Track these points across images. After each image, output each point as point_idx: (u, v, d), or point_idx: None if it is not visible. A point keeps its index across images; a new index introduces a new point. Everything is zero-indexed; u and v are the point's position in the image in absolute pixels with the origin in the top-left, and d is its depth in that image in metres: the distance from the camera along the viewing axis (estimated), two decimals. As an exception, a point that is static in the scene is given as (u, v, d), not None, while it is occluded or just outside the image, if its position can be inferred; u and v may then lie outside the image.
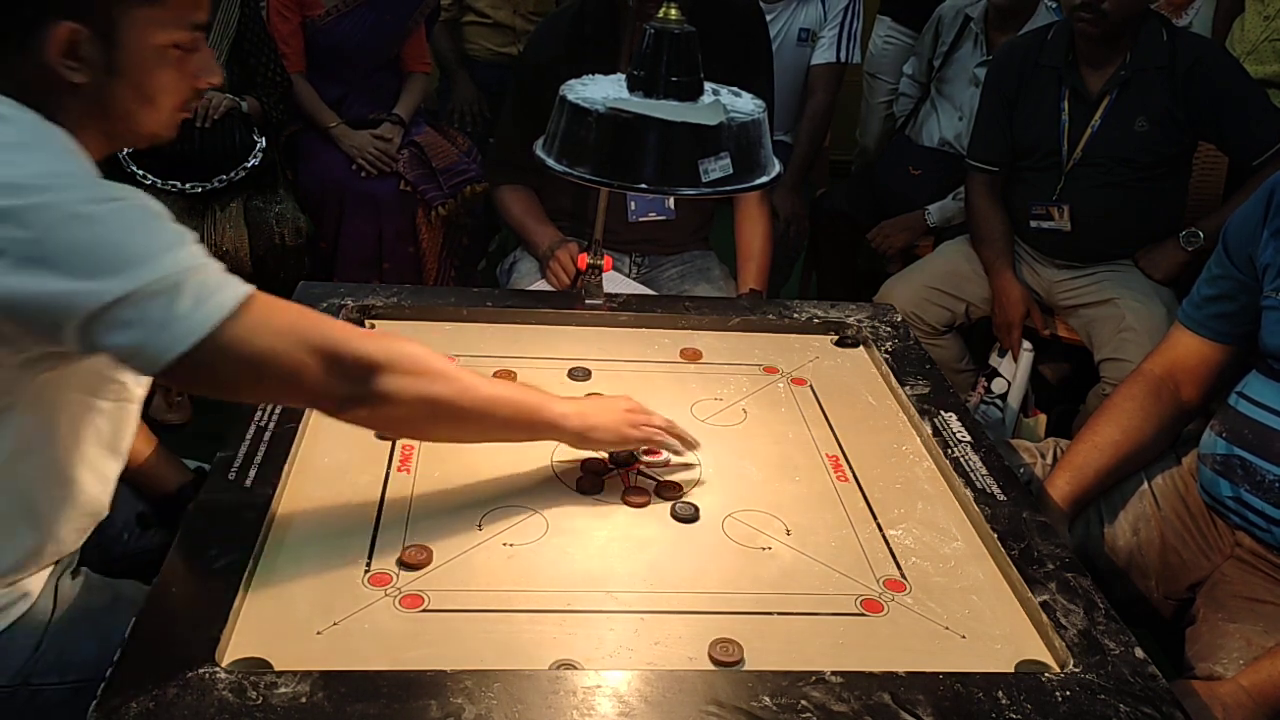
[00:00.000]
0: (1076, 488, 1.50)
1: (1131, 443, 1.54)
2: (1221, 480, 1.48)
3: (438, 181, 2.93)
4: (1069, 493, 1.50)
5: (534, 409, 1.22)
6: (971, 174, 2.54)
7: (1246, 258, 1.48)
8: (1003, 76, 2.46)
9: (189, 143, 2.52)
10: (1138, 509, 1.57)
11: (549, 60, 2.09)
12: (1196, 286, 1.58)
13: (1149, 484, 1.59)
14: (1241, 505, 1.46)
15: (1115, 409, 1.57)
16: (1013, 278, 2.45)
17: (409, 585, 1.09)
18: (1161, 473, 1.60)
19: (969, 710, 0.95)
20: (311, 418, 1.35)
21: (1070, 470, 1.52)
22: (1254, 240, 1.46)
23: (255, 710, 0.89)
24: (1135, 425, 1.55)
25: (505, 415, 1.19)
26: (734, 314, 1.73)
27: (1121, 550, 1.55)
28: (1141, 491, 1.58)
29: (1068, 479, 1.51)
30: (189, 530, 1.10)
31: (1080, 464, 1.53)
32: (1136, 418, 1.55)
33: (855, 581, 1.15)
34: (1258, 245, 1.46)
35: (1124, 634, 1.06)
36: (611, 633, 1.04)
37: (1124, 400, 1.58)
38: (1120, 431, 1.54)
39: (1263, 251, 1.45)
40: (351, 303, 1.62)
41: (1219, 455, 1.48)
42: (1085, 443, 1.55)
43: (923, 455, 1.41)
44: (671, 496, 1.27)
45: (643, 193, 1.31)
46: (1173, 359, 1.58)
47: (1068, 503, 1.49)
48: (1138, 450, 1.56)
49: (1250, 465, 1.43)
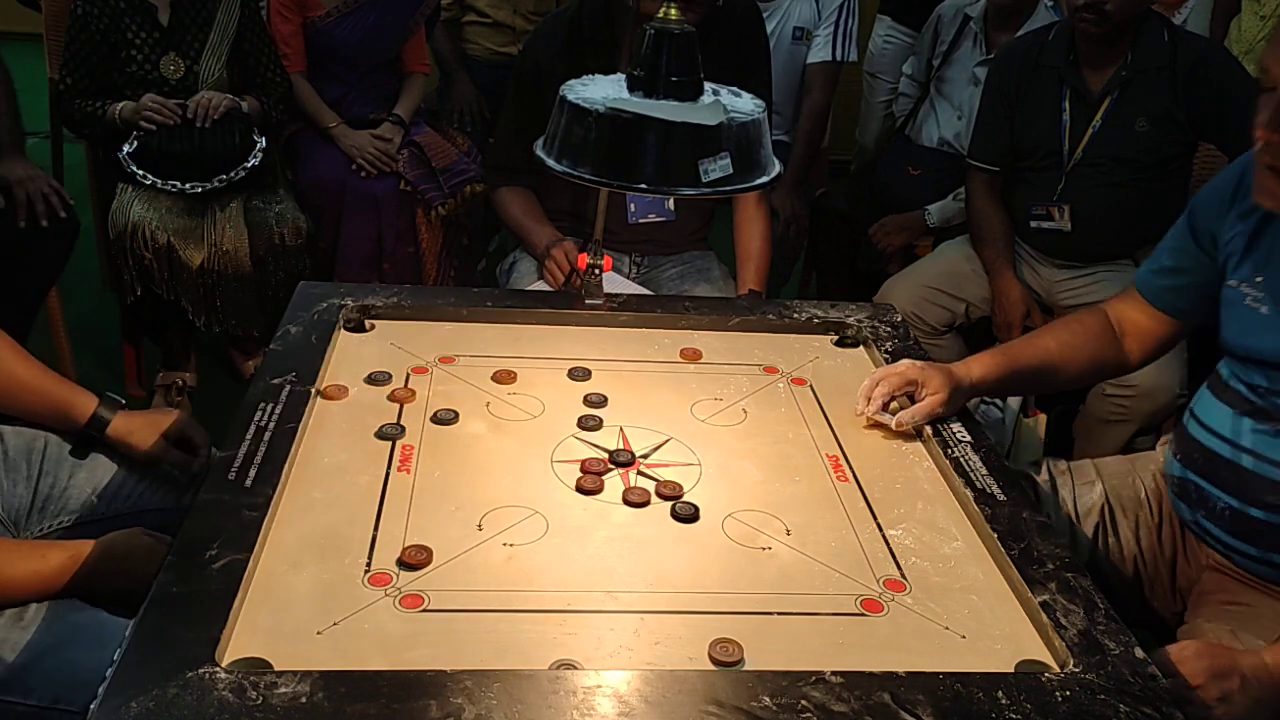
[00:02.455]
0: (995, 368, 1.52)
1: (1063, 359, 1.57)
2: (1180, 503, 1.48)
3: (438, 181, 2.93)
4: (990, 365, 1.52)
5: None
6: (972, 174, 2.54)
7: (1210, 235, 1.46)
8: (1003, 76, 2.46)
9: (189, 143, 2.52)
10: (1140, 515, 1.57)
11: (548, 60, 2.09)
12: (1156, 253, 1.58)
13: (1149, 488, 1.58)
14: (1201, 530, 1.45)
15: (1063, 327, 1.61)
16: (1013, 278, 2.45)
17: (409, 585, 1.09)
18: (1154, 475, 1.60)
19: (969, 710, 0.95)
20: (311, 418, 1.36)
21: (1000, 355, 1.55)
22: (1221, 218, 1.44)
23: (255, 710, 0.89)
24: (1073, 346, 1.57)
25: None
26: (734, 314, 1.73)
27: (1129, 560, 1.55)
28: (1143, 498, 1.58)
29: (994, 357, 1.54)
30: (189, 530, 1.10)
31: (1014, 353, 1.56)
32: (1077, 339, 1.58)
33: (855, 581, 1.15)
34: (1224, 224, 1.44)
35: (1124, 634, 1.06)
36: (611, 633, 1.04)
37: (1074, 322, 1.62)
38: (1057, 346, 1.57)
39: (1228, 231, 1.43)
40: (351, 303, 1.62)
41: (1175, 477, 1.48)
42: (1025, 340, 1.60)
43: (923, 455, 1.41)
44: (671, 496, 1.27)
45: (643, 193, 1.31)
46: (1122, 313, 1.61)
47: (982, 373, 1.50)
48: (1062, 369, 1.58)
49: (1203, 491, 1.42)
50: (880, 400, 1.41)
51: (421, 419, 1.39)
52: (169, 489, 1.52)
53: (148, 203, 2.52)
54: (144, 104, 2.51)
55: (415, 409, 1.41)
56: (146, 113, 2.50)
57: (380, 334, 1.60)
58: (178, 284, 2.54)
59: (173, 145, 2.51)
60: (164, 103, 2.51)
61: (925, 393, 1.42)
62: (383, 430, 1.35)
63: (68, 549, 1.26)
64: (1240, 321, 1.39)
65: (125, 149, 2.50)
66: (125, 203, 2.52)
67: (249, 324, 2.68)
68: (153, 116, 2.50)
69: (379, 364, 1.50)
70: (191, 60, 2.61)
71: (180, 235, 2.52)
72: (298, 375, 1.41)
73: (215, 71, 2.65)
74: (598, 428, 1.41)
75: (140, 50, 2.56)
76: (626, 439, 1.39)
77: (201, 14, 2.62)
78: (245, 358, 2.91)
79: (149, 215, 2.50)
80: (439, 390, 1.47)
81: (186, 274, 2.53)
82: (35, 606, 1.22)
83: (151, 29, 2.57)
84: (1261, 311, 1.36)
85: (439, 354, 1.55)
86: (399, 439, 1.34)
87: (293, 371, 1.42)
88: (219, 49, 2.64)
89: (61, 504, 1.43)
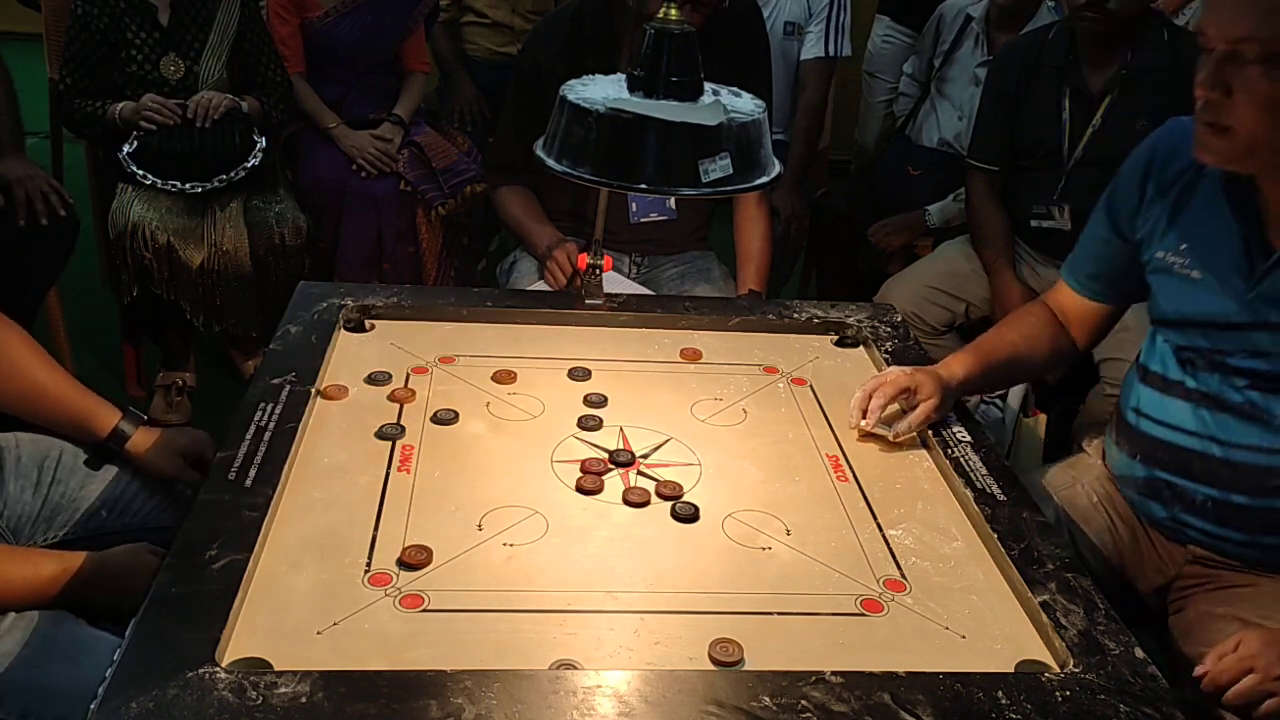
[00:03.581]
0: (974, 366, 1.53)
1: (1028, 350, 1.60)
2: (1152, 503, 1.48)
3: (438, 181, 2.93)
4: (969, 364, 1.53)
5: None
6: (972, 173, 2.54)
7: (1128, 217, 1.51)
8: (1004, 76, 2.46)
9: (189, 143, 2.52)
10: (1100, 519, 1.56)
11: (548, 60, 2.09)
12: (1076, 247, 1.63)
13: (1098, 494, 1.58)
14: (1180, 525, 1.46)
15: (1019, 320, 1.65)
16: (1013, 278, 2.45)
17: (409, 585, 1.09)
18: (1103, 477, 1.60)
19: (969, 710, 0.95)
20: (311, 418, 1.35)
21: (975, 353, 1.57)
22: (1136, 199, 1.49)
23: (255, 710, 0.89)
24: (1033, 338, 1.61)
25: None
26: (734, 314, 1.73)
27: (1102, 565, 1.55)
28: (1095, 503, 1.58)
29: (971, 355, 1.55)
30: (189, 530, 1.10)
31: (986, 349, 1.58)
32: (1034, 330, 1.62)
33: (855, 581, 1.15)
34: (1140, 203, 1.49)
35: (1124, 634, 1.06)
36: (611, 633, 1.04)
37: (1026, 315, 1.66)
38: (1020, 338, 1.61)
39: (1146, 210, 1.48)
40: (351, 303, 1.62)
41: (1140, 479, 1.49)
42: (993, 335, 1.63)
43: (923, 455, 1.41)
44: (671, 496, 1.27)
45: (643, 193, 1.31)
46: (1059, 303, 1.65)
47: (964, 373, 1.51)
48: (1029, 359, 1.61)
49: (1177, 487, 1.44)
50: (878, 412, 1.41)
51: (421, 419, 1.39)
52: (180, 507, 1.50)
53: (148, 203, 2.52)
54: (144, 104, 2.50)
55: (415, 409, 1.41)
56: (146, 113, 2.50)
57: (380, 334, 1.60)
58: (177, 284, 2.54)
59: (173, 145, 2.51)
60: (164, 103, 2.51)
61: (919, 398, 1.42)
62: (383, 430, 1.35)
63: (62, 559, 1.27)
64: (1173, 289, 1.44)
65: (125, 149, 2.50)
66: (125, 203, 2.52)
67: (249, 324, 2.68)
68: (153, 116, 2.50)
69: (379, 364, 1.50)
70: (191, 60, 2.61)
71: (180, 235, 2.52)
72: (298, 375, 1.41)
73: (215, 72, 2.64)
74: (598, 428, 1.41)
75: (140, 50, 2.56)
76: (626, 439, 1.39)
77: (201, 14, 2.62)
78: (245, 358, 2.91)
79: (149, 215, 2.50)
80: (439, 390, 1.47)
81: (186, 274, 2.53)
82: (13, 617, 1.21)
83: (151, 29, 2.57)
84: (1193, 276, 1.41)
85: (439, 354, 1.55)
86: (399, 439, 1.34)
87: (293, 371, 1.42)
88: (219, 49, 2.64)
89: (70, 514, 1.43)
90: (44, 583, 1.24)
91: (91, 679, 0.96)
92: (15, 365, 1.43)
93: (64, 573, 1.25)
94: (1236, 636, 1.28)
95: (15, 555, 1.27)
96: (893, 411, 1.44)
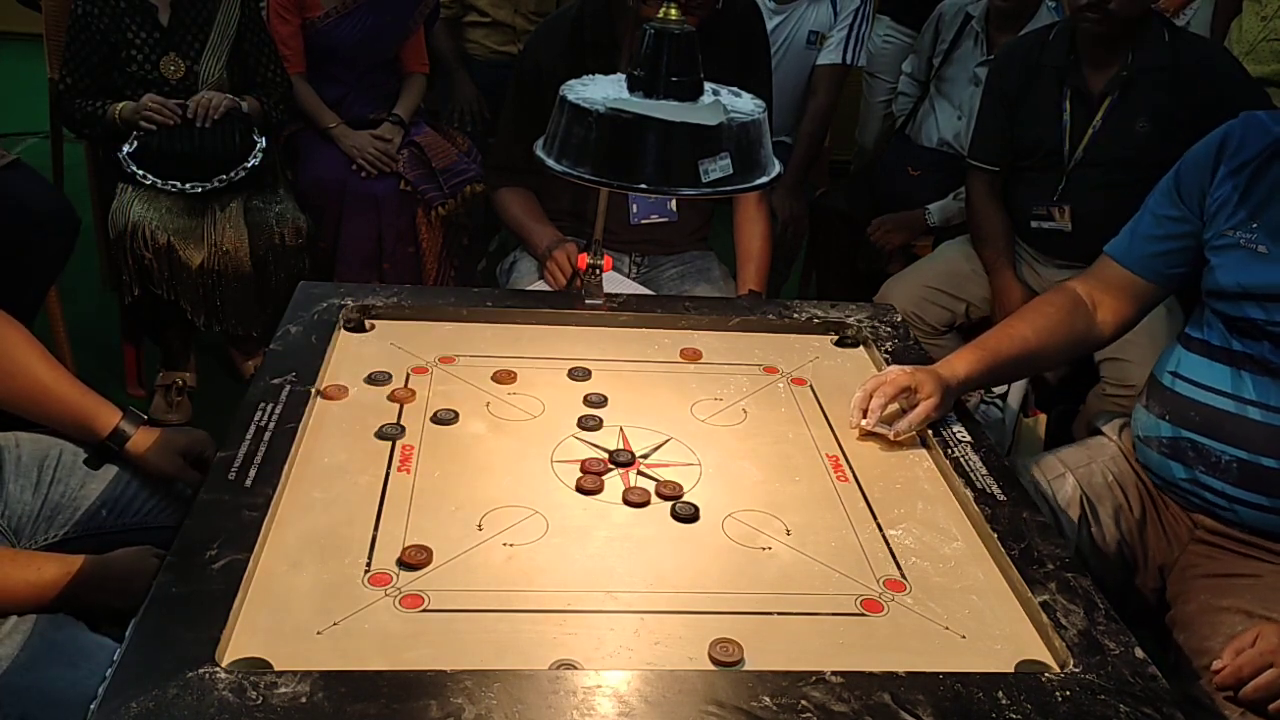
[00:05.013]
0: (978, 364, 1.53)
1: (1040, 344, 1.60)
2: (1173, 464, 1.52)
3: (438, 181, 2.93)
4: (972, 361, 1.53)
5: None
6: (972, 173, 2.54)
7: (1197, 195, 1.54)
8: (1004, 76, 2.46)
9: (189, 143, 2.52)
10: (1113, 500, 1.59)
11: (549, 61, 2.09)
12: (1133, 225, 1.65)
13: (1113, 472, 1.61)
14: (1198, 486, 1.49)
15: (1034, 311, 1.64)
16: (1013, 278, 2.45)
17: (409, 585, 1.09)
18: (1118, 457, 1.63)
19: (969, 710, 0.95)
20: (311, 418, 1.36)
21: (980, 350, 1.56)
22: (1207, 178, 1.53)
23: (255, 710, 0.89)
24: (1048, 330, 1.61)
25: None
26: (734, 314, 1.73)
27: (1112, 545, 1.57)
28: (1110, 482, 1.61)
29: (975, 353, 1.55)
30: (189, 530, 1.10)
31: (992, 346, 1.57)
32: (1051, 322, 1.61)
33: (855, 581, 1.15)
34: (1211, 182, 1.52)
35: (1124, 634, 1.06)
36: (611, 633, 1.04)
37: (1044, 305, 1.65)
38: (1033, 331, 1.60)
39: (1216, 189, 1.51)
40: (351, 303, 1.62)
41: (1165, 439, 1.52)
42: (1001, 331, 1.62)
43: (923, 455, 1.41)
44: (671, 496, 1.27)
45: (643, 193, 1.31)
46: (1094, 287, 1.65)
47: (966, 371, 1.51)
48: (1042, 353, 1.61)
49: (1202, 448, 1.48)
50: (878, 412, 1.41)
51: (421, 419, 1.39)
52: (180, 507, 1.50)
53: (148, 203, 2.52)
54: (144, 104, 2.51)
55: (415, 409, 1.41)
56: (146, 113, 2.50)
57: (380, 334, 1.61)
58: (178, 284, 2.54)
59: (173, 145, 2.51)
60: (164, 103, 2.51)
61: (919, 397, 1.42)
62: (383, 430, 1.35)
63: (64, 562, 1.26)
64: (1236, 263, 1.48)
65: (125, 149, 2.50)
66: (125, 203, 2.52)
67: (249, 324, 2.68)
68: (153, 116, 2.50)
69: (379, 364, 1.50)
70: (191, 60, 2.62)
71: (180, 235, 2.52)
72: (298, 375, 1.41)
73: (215, 71, 2.65)
74: (598, 428, 1.41)
75: (140, 50, 2.56)
76: (626, 439, 1.39)
77: (201, 14, 2.62)
78: (245, 358, 2.91)
79: (149, 215, 2.50)
80: (439, 390, 1.47)
81: (186, 274, 2.53)
82: (13, 620, 1.21)
83: (151, 29, 2.57)
84: (1260, 251, 1.47)
85: (439, 354, 1.56)
86: (399, 439, 1.34)
87: (293, 371, 1.42)
88: (219, 49, 2.64)
89: (70, 514, 1.43)
90: (45, 586, 1.24)
91: (90, 684, 0.95)
92: (17, 363, 1.43)
93: (66, 576, 1.25)
94: (1254, 631, 1.30)
95: (18, 558, 1.27)
96: (893, 411, 1.44)
